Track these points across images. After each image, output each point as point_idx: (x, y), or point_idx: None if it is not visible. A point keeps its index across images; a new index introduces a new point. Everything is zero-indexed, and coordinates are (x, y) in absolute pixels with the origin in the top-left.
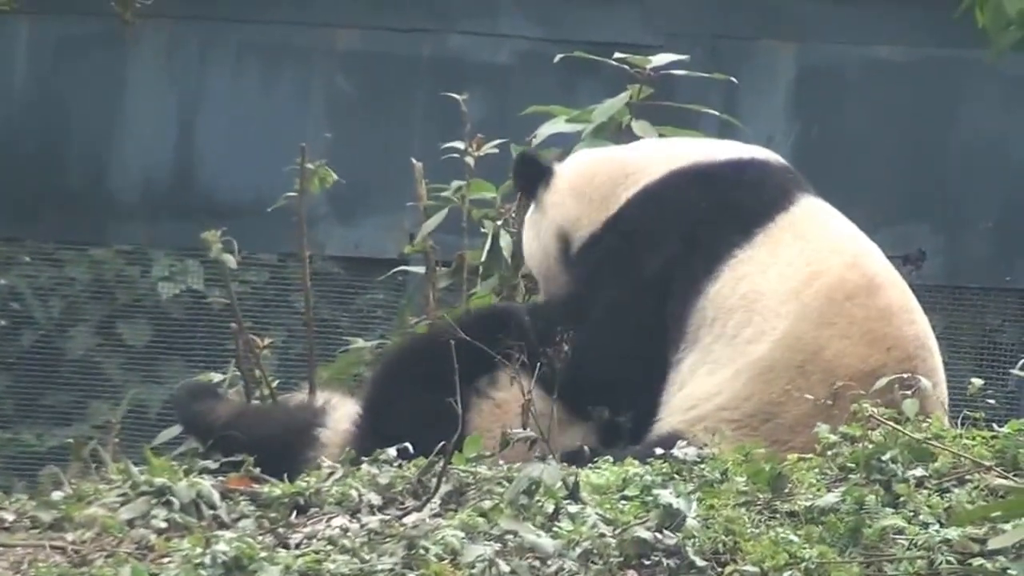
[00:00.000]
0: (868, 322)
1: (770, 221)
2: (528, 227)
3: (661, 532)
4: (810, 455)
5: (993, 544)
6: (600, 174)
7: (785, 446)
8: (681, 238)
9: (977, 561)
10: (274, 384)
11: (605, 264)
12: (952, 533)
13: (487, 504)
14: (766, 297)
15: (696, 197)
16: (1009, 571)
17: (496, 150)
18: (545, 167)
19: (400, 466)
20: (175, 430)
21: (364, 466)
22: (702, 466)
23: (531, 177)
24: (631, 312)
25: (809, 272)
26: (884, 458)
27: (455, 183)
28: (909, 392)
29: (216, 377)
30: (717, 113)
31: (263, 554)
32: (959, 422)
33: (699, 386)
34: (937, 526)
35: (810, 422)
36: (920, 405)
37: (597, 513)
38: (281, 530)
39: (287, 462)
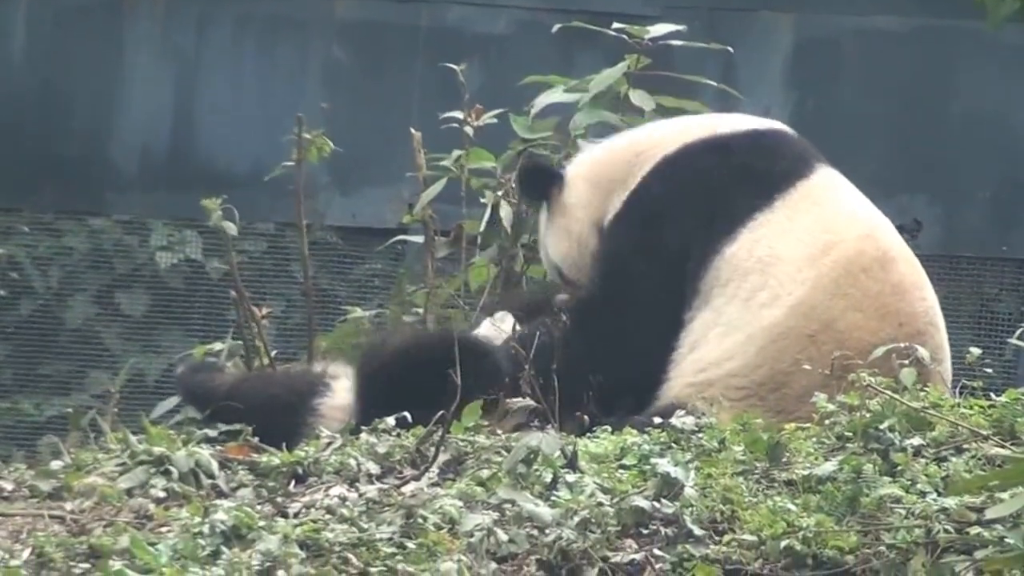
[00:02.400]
0: (881, 296)
1: (791, 187)
2: (552, 232)
3: (659, 501)
4: (808, 424)
5: (990, 513)
6: (613, 161)
7: (791, 416)
8: (699, 205)
9: (974, 530)
10: (273, 354)
11: (627, 242)
12: (949, 502)
13: (485, 473)
14: (783, 262)
15: (713, 165)
16: (1006, 540)
17: (495, 120)
18: (554, 173)
19: (399, 436)
20: (173, 401)
21: (363, 436)
22: (700, 435)
23: (540, 186)
24: (655, 286)
25: (826, 240)
26: (882, 427)
27: (454, 153)
28: (907, 362)
29: (218, 346)
30: (714, 83)
31: (261, 523)
32: (957, 391)
33: (711, 350)
34: (935, 495)
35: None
36: (921, 379)
37: (595, 482)
38: (279, 499)
39: (286, 430)
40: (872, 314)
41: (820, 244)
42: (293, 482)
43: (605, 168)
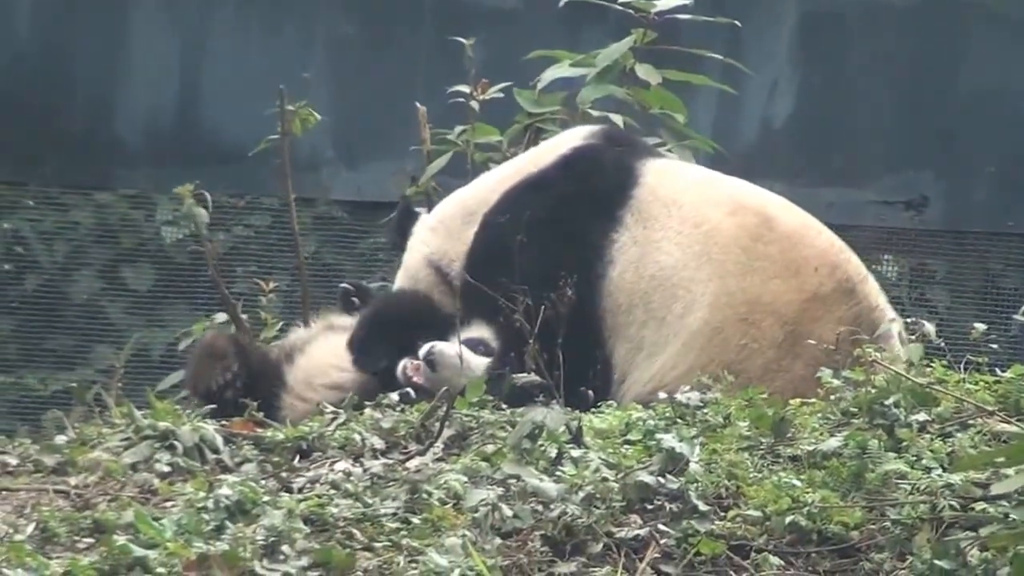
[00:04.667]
0: (783, 254)
1: (629, 199)
2: (401, 265)
3: (664, 476)
4: (799, 399)
5: (995, 489)
6: (452, 216)
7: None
8: (535, 247)
9: (979, 506)
10: (277, 326)
11: (479, 298)
12: (954, 478)
13: (490, 448)
14: (676, 269)
15: (535, 206)
16: (1011, 516)
17: (501, 94)
18: (414, 216)
19: (403, 411)
20: (179, 375)
21: (367, 411)
22: (705, 411)
23: (403, 229)
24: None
25: (703, 232)
26: (887, 403)
27: (459, 127)
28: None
29: (220, 318)
30: (720, 58)
31: (266, 498)
32: (962, 367)
33: (646, 370)
34: (940, 471)
35: (779, 366)
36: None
37: (600, 457)
38: (284, 474)
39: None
40: (787, 274)
41: (699, 238)
42: (298, 457)
43: (443, 219)
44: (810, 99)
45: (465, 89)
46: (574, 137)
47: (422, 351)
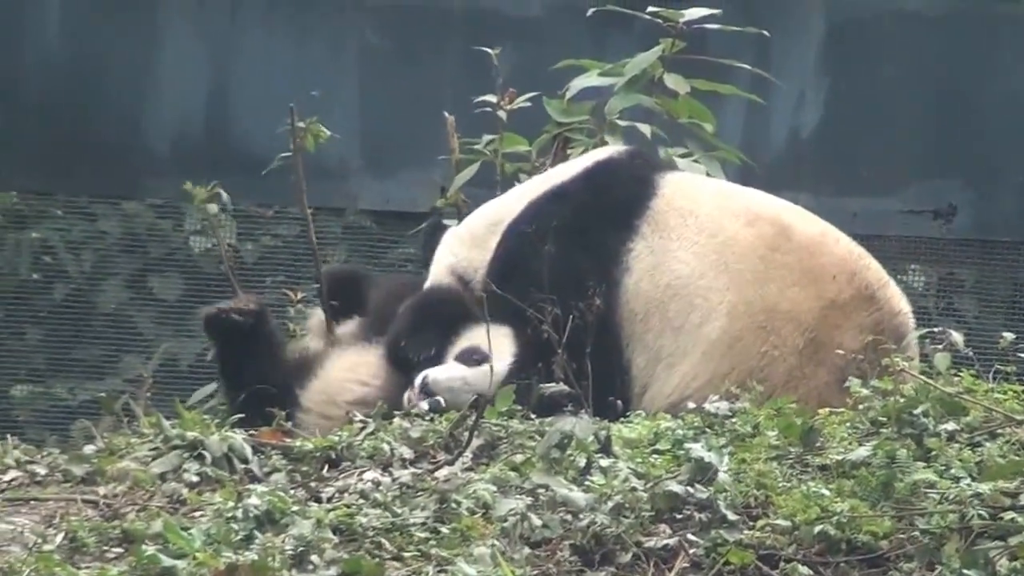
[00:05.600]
0: (801, 263)
1: (646, 209)
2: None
3: (693, 486)
4: (823, 406)
5: None
6: (477, 225)
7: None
8: (554, 255)
9: (1008, 515)
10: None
11: (500, 306)
12: (983, 487)
13: (519, 458)
14: (693, 278)
15: (553, 218)
16: None
17: (528, 103)
18: (444, 228)
19: (432, 420)
20: (209, 388)
21: (396, 420)
22: (734, 420)
23: (436, 244)
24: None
25: (720, 242)
26: (916, 412)
27: (487, 137)
28: (940, 346)
29: None
30: (749, 67)
31: (295, 508)
32: (991, 376)
33: (667, 381)
34: (969, 480)
35: (802, 373)
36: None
37: (629, 467)
38: (313, 484)
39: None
40: (806, 282)
41: (716, 248)
42: (326, 467)
43: (469, 229)
44: (838, 109)
45: (492, 99)
46: (600, 152)
47: (416, 381)
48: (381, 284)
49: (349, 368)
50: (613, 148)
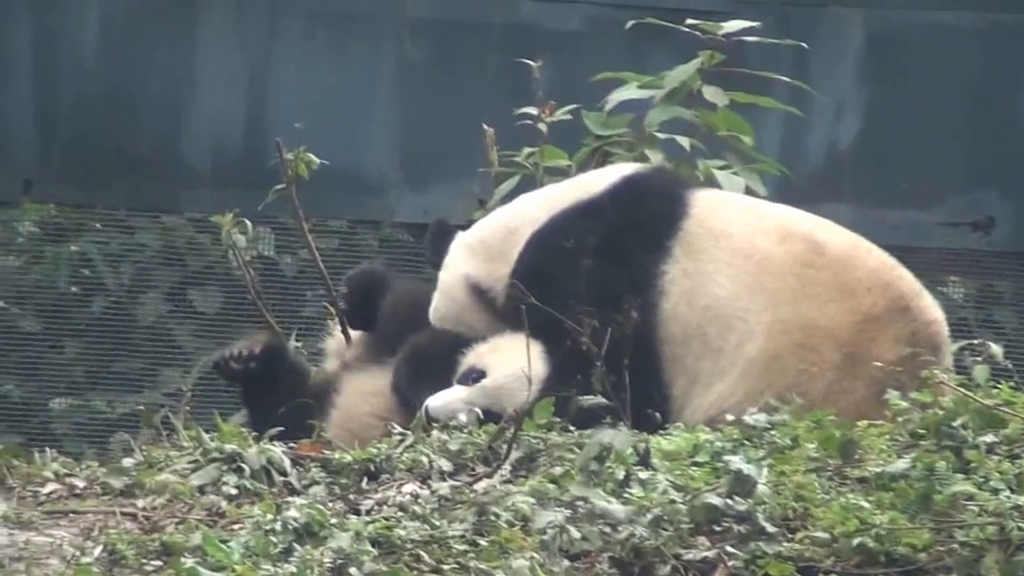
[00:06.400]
0: (835, 277)
1: (678, 230)
2: (438, 286)
3: (732, 498)
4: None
5: None
6: (491, 234)
7: None
8: (586, 272)
9: None
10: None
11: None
12: (1023, 499)
13: (558, 470)
14: (729, 300)
15: (582, 233)
16: None
17: (569, 116)
18: (452, 234)
19: (471, 433)
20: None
21: (435, 432)
22: (772, 432)
23: (440, 246)
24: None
25: (755, 263)
26: (955, 424)
27: (526, 149)
28: (979, 359)
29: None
30: (787, 79)
31: (334, 520)
32: None
33: (703, 399)
34: (1008, 492)
35: (840, 387)
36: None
37: (668, 479)
38: (352, 496)
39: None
40: (840, 297)
41: (751, 268)
42: (365, 479)
43: (484, 238)
44: (876, 120)
45: (533, 111)
46: (622, 168)
47: (420, 414)
48: (394, 293)
49: (365, 399)
50: (634, 165)
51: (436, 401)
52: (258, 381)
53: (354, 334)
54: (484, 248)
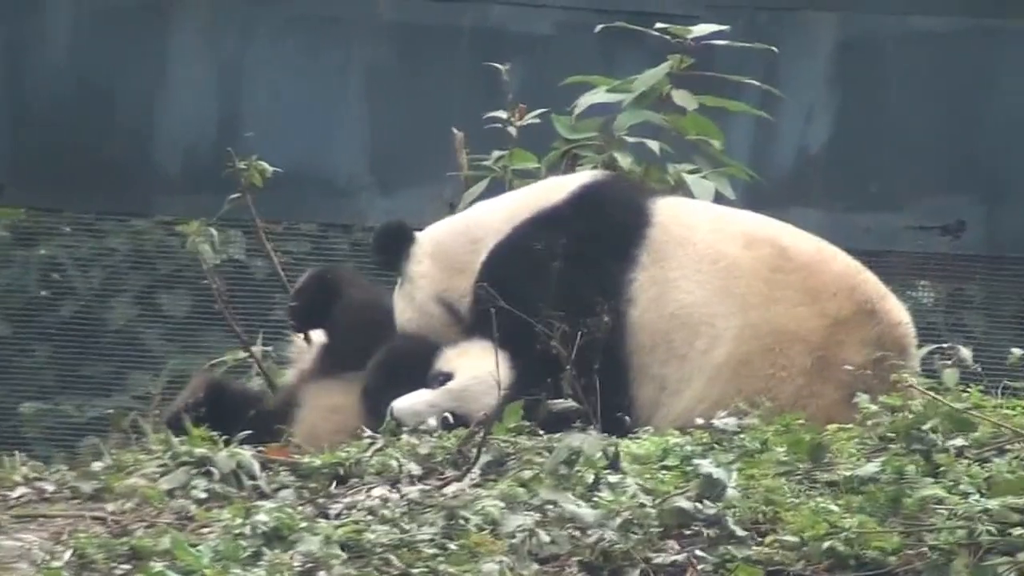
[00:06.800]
0: (802, 282)
1: (644, 238)
2: (400, 297)
3: (701, 502)
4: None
5: None
6: (453, 244)
7: None
8: (553, 282)
9: (1017, 531)
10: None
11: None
12: (992, 503)
13: (527, 474)
14: (698, 306)
15: (548, 243)
16: None
17: (538, 120)
18: (408, 238)
19: (440, 437)
20: None
21: (404, 436)
22: (742, 436)
23: (395, 249)
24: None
25: (722, 268)
26: (924, 428)
27: (496, 153)
28: (949, 361)
29: (257, 350)
30: (758, 83)
31: (303, 524)
32: (999, 392)
33: (673, 406)
34: (977, 496)
35: (810, 392)
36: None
37: (637, 483)
38: (321, 500)
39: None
40: (808, 301)
41: (718, 274)
42: (334, 483)
43: (446, 249)
44: (846, 125)
45: (502, 115)
46: (581, 176)
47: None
48: (347, 302)
49: (326, 416)
50: (593, 173)
51: (402, 403)
52: (215, 420)
53: (315, 341)
54: (448, 260)
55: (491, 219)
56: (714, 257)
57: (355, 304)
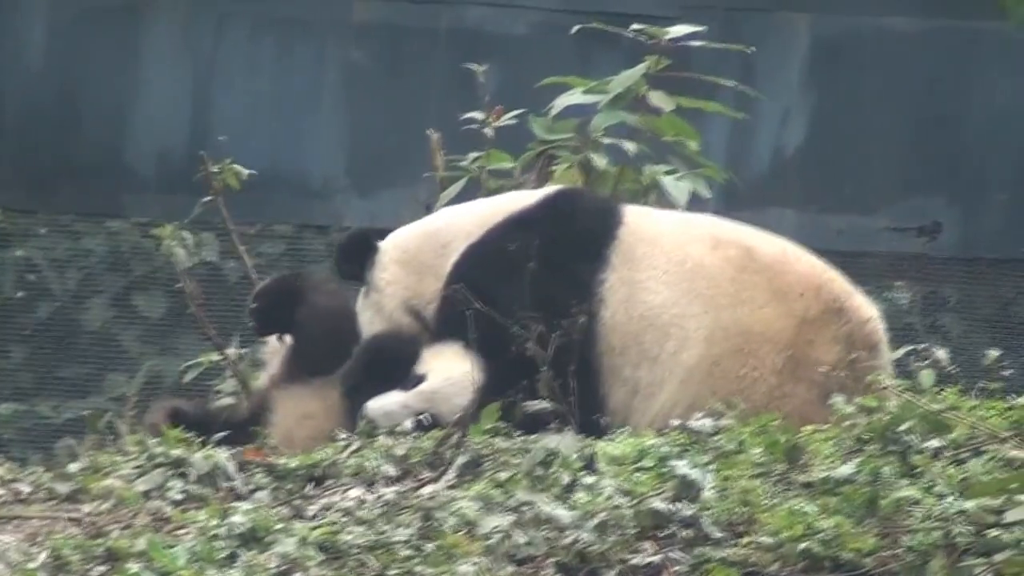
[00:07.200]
0: (769, 282)
1: (614, 238)
2: (366, 307)
3: (677, 503)
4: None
5: (1009, 516)
6: (421, 249)
7: None
8: (518, 283)
9: (993, 532)
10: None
11: (457, 330)
12: (968, 504)
13: (503, 475)
14: (666, 307)
15: (520, 244)
16: None
17: (514, 121)
18: (371, 247)
19: (416, 438)
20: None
21: (380, 438)
22: (718, 437)
23: (359, 259)
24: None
25: (689, 269)
26: (900, 429)
27: (472, 154)
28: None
29: (231, 352)
30: (734, 84)
31: (279, 525)
32: (975, 394)
33: (646, 411)
34: (953, 497)
35: (782, 392)
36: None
37: (613, 484)
38: (297, 502)
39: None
40: (774, 301)
41: (686, 275)
42: (311, 484)
43: (414, 253)
44: (822, 126)
45: (479, 116)
46: (549, 187)
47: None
48: (311, 308)
49: (300, 423)
50: (559, 186)
51: (375, 403)
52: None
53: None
54: (415, 263)
55: (461, 223)
56: (681, 258)
57: (319, 310)
